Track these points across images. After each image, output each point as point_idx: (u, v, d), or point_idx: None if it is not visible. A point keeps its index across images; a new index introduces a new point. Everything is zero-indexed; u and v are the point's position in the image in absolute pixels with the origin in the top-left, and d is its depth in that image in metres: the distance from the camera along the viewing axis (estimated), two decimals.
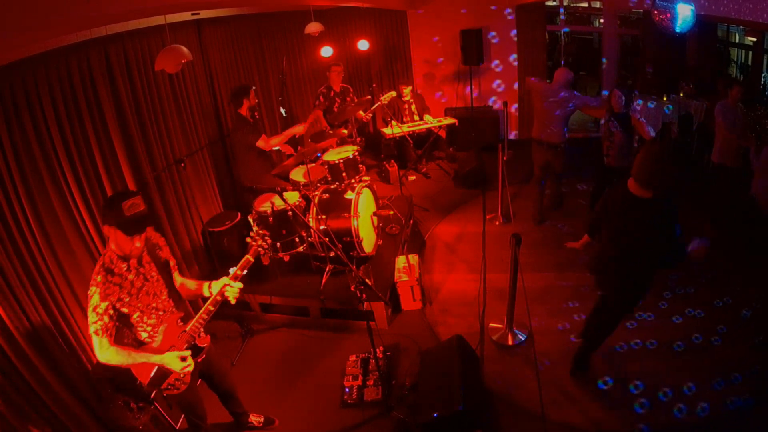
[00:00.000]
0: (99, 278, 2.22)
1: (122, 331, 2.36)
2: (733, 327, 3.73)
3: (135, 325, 2.36)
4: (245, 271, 2.53)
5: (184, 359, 2.34)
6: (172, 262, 2.57)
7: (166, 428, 2.89)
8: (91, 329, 2.21)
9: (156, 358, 2.30)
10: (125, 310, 2.29)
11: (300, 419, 3.40)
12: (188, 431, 2.90)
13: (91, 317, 2.21)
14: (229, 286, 2.45)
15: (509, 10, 7.57)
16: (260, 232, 2.60)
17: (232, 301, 2.48)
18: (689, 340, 3.66)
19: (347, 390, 3.53)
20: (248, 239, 2.59)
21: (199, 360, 2.51)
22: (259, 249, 2.58)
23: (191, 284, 2.65)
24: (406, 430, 3.18)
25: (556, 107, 4.92)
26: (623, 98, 4.36)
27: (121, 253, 2.28)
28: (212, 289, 2.52)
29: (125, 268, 2.30)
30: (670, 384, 3.29)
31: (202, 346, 2.54)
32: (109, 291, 2.23)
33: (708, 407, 3.11)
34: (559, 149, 5.13)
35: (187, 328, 2.45)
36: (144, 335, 2.39)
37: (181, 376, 2.44)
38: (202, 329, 2.49)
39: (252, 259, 2.54)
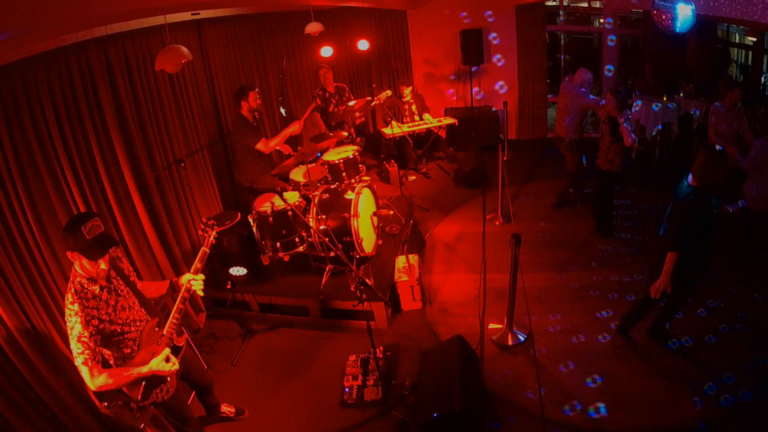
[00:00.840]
0: (76, 307, 2.18)
1: (107, 352, 2.35)
2: (751, 312, 3.83)
3: (118, 342, 2.35)
4: (203, 263, 2.64)
5: (168, 360, 2.38)
6: (132, 274, 2.57)
7: (167, 428, 2.88)
8: (79, 360, 2.16)
9: (145, 369, 2.31)
10: (108, 330, 2.27)
11: (300, 419, 3.40)
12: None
13: (77, 348, 2.16)
14: (193, 281, 2.56)
15: (489, 12, 7.62)
16: (209, 222, 2.69)
17: (200, 293, 2.59)
18: (717, 331, 3.73)
19: (347, 390, 3.53)
20: (200, 231, 2.68)
21: (179, 358, 2.53)
22: (211, 240, 2.69)
23: (153, 286, 2.70)
24: (406, 430, 3.18)
25: (567, 103, 5.26)
26: (613, 101, 4.47)
27: (88, 276, 2.24)
28: (180, 281, 2.60)
29: (97, 290, 2.27)
30: (712, 377, 3.34)
31: (180, 345, 2.58)
32: (89, 316, 2.20)
33: (750, 393, 3.17)
34: (566, 144, 5.37)
35: (164, 332, 2.48)
36: (128, 351, 2.40)
37: (168, 379, 2.49)
38: (176, 330, 2.53)
39: (207, 250, 2.65)
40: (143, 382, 2.37)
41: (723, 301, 3.98)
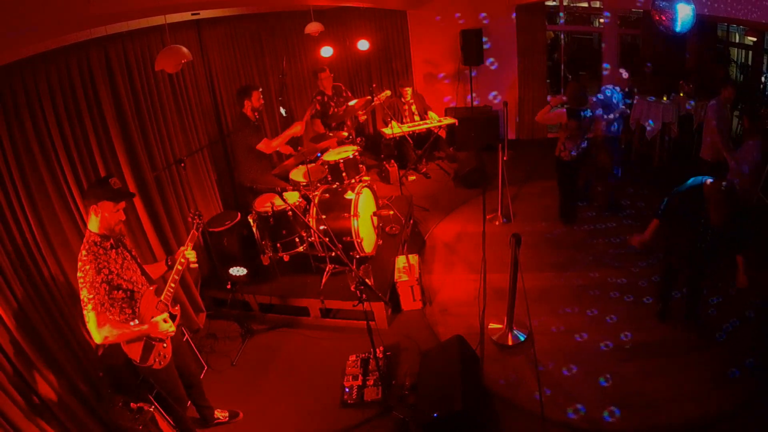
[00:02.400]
0: (90, 257, 2.44)
1: (112, 310, 2.51)
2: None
3: (123, 299, 2.56)
4: (193, 242, 2.92)
5: (166, 321, 2.62)
6: (134, 250, 2.83)
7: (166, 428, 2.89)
8: (88, 306, 2.37)
9: (145, 326, 2.55)
10: (115, 283, 2.50)
11: (300, 419, 3.40)
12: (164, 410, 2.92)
13: (88, 294, 2.38)
14: (187, 252, 2.83)
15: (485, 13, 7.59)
16: (196, 213, 3.01)
17: (193, 265, 2.88)
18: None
19: (347, 390, 3.53)
20: (190, 218, 3.03)
21: (176, 323, 2.73)
22: (199, 225, 3.00)
23: (151, 267, 2.96)
24: (406, 430, 3.18)
25: None
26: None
27: (103, 231, 2.52)
28: (172, 261, 2.88)
29: (109, 246, 2.55)
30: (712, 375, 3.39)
31: (175, 314, 2.78)
32: (102, 264, 2.46)
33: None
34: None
35: (162, 297, 2.71)
36: (129, 311, 2.59)
37: (165, 346, 2.71)
38: (171, 298, 2.76)
39: (197, 233, 2.97)
40: (143, 343, 2.58)
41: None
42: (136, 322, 2.60)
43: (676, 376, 3.38)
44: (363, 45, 6.72)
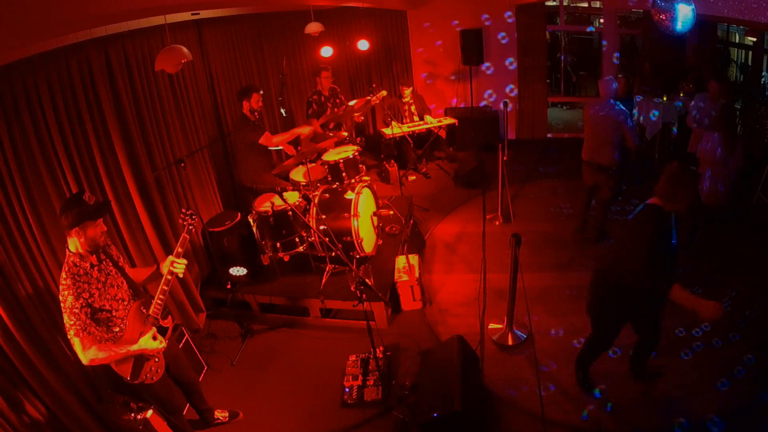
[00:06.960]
0: (69, 281, 2.36)
1: (98, 329, 2.46)
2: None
3: (107, 320, 2.49)
4: (184, 248, 2.75)
5: (155, 338, 2.54)
6: (121, 258, 2.73)
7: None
8: (71, 332, 2.32)
9: (134, 347, 2.47)
10: (97, 305, 2.43)
11: (300, 419, 3.40)
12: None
13: (69, 320, 2.33)
14: (175, 263, 2.67)
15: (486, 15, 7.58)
16: (188, 212, 2.83)
17: (180, 275, 2.73)
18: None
19: (347, 390, 3.53)
20: (180, 220, 2.85)
21: (167, 336, 2.65)
22: (191, 227, 2.82)
23: (144, 270, 2.88)
24: (406, 430, 3.18)
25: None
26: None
27: (83, 251, 2.42)
28: (163, 268, 2.73)
29: (89, 266, 2.46)
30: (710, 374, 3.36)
31: (166, 326, 2.69)
32: (81, 289, 2.37)
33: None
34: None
35: (150, 311, 2.61)
36: (116, 329, 2.53)
37: (156, 360, 2.64)
38: (161, 311, 2.65)
39: (188, 236, 2.79)
40: (132, 361, 2.51)
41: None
42: (126, 336, 2.51)
43: (676, 375, 3.38)
44: (363, 45, 6.71)
